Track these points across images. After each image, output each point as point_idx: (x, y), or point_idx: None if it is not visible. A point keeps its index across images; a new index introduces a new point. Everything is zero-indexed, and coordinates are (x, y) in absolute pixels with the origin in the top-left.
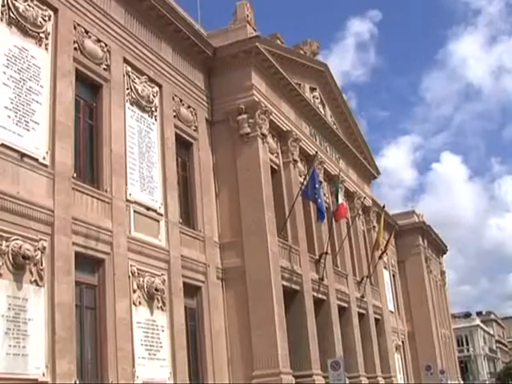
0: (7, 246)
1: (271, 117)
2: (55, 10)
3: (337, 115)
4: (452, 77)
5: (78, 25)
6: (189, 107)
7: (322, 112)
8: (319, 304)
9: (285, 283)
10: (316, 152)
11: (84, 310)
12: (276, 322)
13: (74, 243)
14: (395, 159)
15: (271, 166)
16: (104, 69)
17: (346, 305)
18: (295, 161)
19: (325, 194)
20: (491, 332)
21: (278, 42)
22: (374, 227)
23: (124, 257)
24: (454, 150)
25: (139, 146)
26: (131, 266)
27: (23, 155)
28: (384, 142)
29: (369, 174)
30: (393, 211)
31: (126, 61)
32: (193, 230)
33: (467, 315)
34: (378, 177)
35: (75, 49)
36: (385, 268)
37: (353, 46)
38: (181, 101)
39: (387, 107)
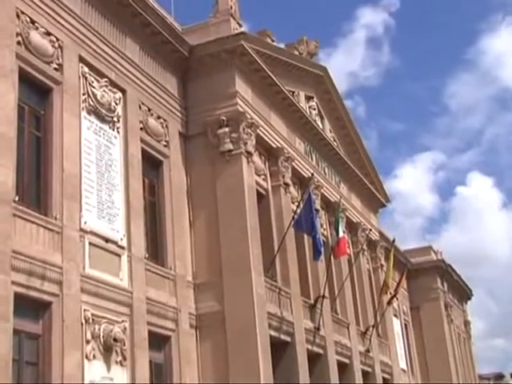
0: None
1: (258, 131)
2: None
3: (338, 129)
4: (484, 80)
5: (22, 13)
6: (159, 118)
7: (320, 126)
8: (314, 359)
9: (273, 333)
10: (312, 174)
11: (23, 366)
12: (261, 379)
13: (13, 282)
14: (412, 181)
15: (258, 191)
16: (55, 69)
17: (347, 360)
18: (287, 184)
19: (322, 225)
20: None
21: (268, 40)
22: (382, 266)
23: (76, 299)
24: (484, 170)
25: (97, 163)
26: (85, 310)
27: None
28: (398, 160)
29: (376, 200)
30: (406, 246)
31: (82, 59)
32: (161, 267)
33: (500, 376)
34: (387, 204)
35: (18, 43)
36: (395, 316)
37: (363, 40)
38: (149, 110)
39: (403, 117)
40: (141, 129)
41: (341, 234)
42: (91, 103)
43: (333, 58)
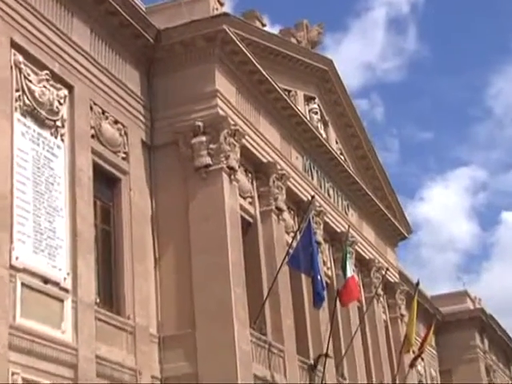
0: None
1: (244, 141)
2: None
3: (346, 139)
4: None
5: None
6: (116, 123)
7: (324, 134)
8: None
9: None
10: (312, 197)
11: None
12: None
13: None
14: (443, 205)
15: (243, 217)
16: None
17: None
18: (280, 209)
19: (325, 263)
20: None
21: (258, 24)
22: (403, 316)
23: (2, 359)
24: None
25: (35, 181)
26: (13, 374)
27: None
28: (425, 179)
29: (395, 231)
30: (435, 290)
31: (14, 45)
32: (117, 316)
33: None
34: (409, 236)
35: None
36: (420, 382)
37: (382, 23)
38: (103, 112)
39: (432, 123)
40: (92, 136)
41: (349, 274)
42: (27, 102)
43: (343, 46)
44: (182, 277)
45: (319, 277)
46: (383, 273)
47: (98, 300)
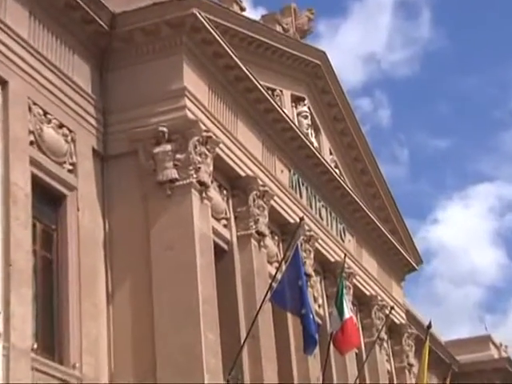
0: None
1: (219, 150)
2: None
3: (343, 149)
4: None
5: None
6: (61, 127)
7: (315, 143)
8: None
9: None
10: (301, 219)
11: None
12: None
13: None
14: (462, 228)
15: (216, 243)
16: None
17: None
18: (261, 234)
19: (316, 300)
20: None
21: (236, 8)
22: (411, 366)
23: None
24: None
25: None
26: None
27: None
28: (441, 197)
29: (401, 261)
30: (451, 334)
31: None
32: (59, 366)
33: None
34: (419, 268)
35: None
36: None
37: (389, 6)
38: (45, 114)
39: (450, 129)
40: (31, 143)
41: (347, 315)
42: None
43: (340, 34)
44: (141, 317)
45: (311, 316)
46: (387, 312)
47: (35, 346)
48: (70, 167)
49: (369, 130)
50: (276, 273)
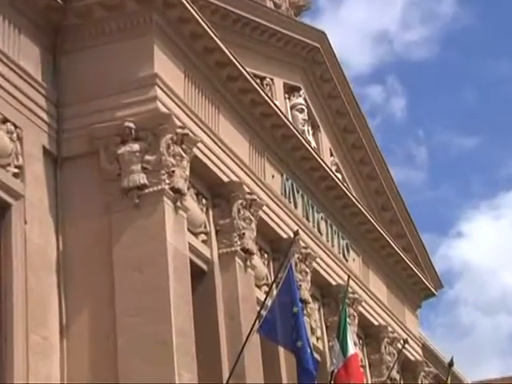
0: None
1: (196, 151)
2: None
3: (346, 150)
4: None
5: None
6: (4, 122)
7: (312, 142)
8: None
9: None
10: (296, 233)
11: None
12: None
13: None
14: (491, 244)
15: (194, 263)
16: None
17: None
18: (248, 252)
19: (313, 331)
20: None
21: None
22: None
23: None
24: None
25: None
26: None
27: None
28: (466, 206)
29: (417, 285)
30: (477, 373)
31: None
32: None
33: None
34: (438, 292)
35: None
36: None
37: None
38: None
39: (477, 125)
40: None
41: (351, 350)
42: None
43: (345, 9)
44: (102, 353)
45: (309, 350)
46: (399, 347)
47: None
48: (16, 171)
49: (379, 124)
50: (266, 298)
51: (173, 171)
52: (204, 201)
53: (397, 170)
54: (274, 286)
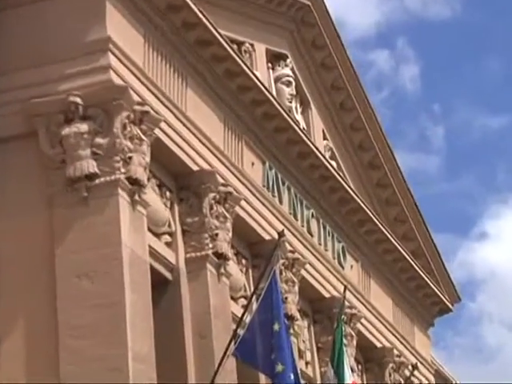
0: None
1: (159, 132)
2: None
3: (342, 132)
4: None
5: None
6: None
7: (301, 123)
8: None
9: None
10: (280, 234)
11: None
12: None
13: None
14: None
15: (155, 270)
16: None
17: None
18: (222, 257)
19: (301, 353)
20: None
21: None
22: None
23: None
24: None
25: None
26: None
27: None
28: (491, 200)
29: (429, 298)
30: None
31: None
32: None
33: None
34: (455, 307)
35: None
36: None
37: None
38: None
39: (504, 101)
40: None
41: (348, 379)
42: None
43: None
44: (41, 380)
45: (292, 375)
46: (407, 373)
47: None
48: None
49: (385, 99)
50: (243, 314)
51: (129, 158)
52: (168, 194)
53: (406, 155)
54: (253, 298)
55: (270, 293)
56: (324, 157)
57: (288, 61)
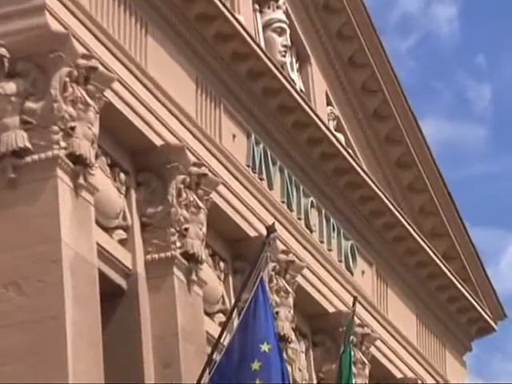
0: None
1: (110, 95)
2: None
3: (352, 95)
4: None
5: None
6: None
7: (298, 84)
8: None
9: None
10: (270, 228)
11: None
12: None
13: None
14: None
15: (105, 277)
16: None
17: None
18: (193, 258)
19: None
20: None
21: None
22: None
23: None
24: None
25: None
26: None
27: None
28: None
29: (465, 314)
30: None
31: None
32: None
33: None
34: (499, 324)
35: None
36: None
37: None
38: None
39: None
40: None
41: None
42: None
43: None
44: None
45: None
46: None
47: None
48: None
49: (413, 48)
50: (221, 334)
51: (72, 128)
52: (123, 176)
53: (439, 124)
54: (234, 313)
55: (255, 306)
56: (327, 128)
57: (281, 1)
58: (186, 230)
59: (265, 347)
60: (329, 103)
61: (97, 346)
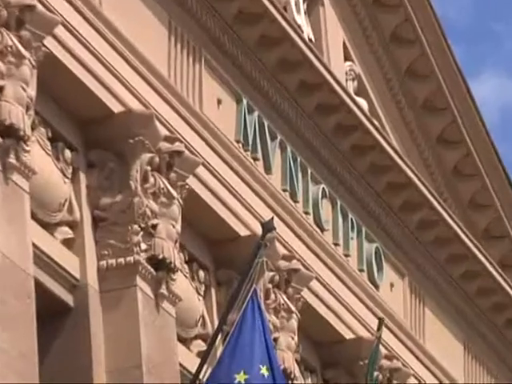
0: None
1: (53, 45)
2: None
3: (377, 45)
4: None
5: None
6: None
7: (306, 31)
8: None
9: None
10: (267, 225)
11: None
12: None
13: None
14: None
15: (44, 288)
16: None
17: None
18: (164, 265)
19: None
20: None
21: None
22: None
23: None
24: None
25: None
26: None
27: None
28: None
29: None
30: None
31: None
32: None
33: None
34: None
35: None
36: None
37: None
38: None
39: None
40: None
41: None
42: None
43: None
44: None
45: None
46: None
47: None
48: None
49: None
50: (200, 366)
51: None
52: (68, 154)
53: (497, 81)
54: (218, 340)
55: (247, 329)
56: (345, 91)
57: None
58: (154, 227)
59: (240, 378)
60: (347, 57)
61: (33, 378)
